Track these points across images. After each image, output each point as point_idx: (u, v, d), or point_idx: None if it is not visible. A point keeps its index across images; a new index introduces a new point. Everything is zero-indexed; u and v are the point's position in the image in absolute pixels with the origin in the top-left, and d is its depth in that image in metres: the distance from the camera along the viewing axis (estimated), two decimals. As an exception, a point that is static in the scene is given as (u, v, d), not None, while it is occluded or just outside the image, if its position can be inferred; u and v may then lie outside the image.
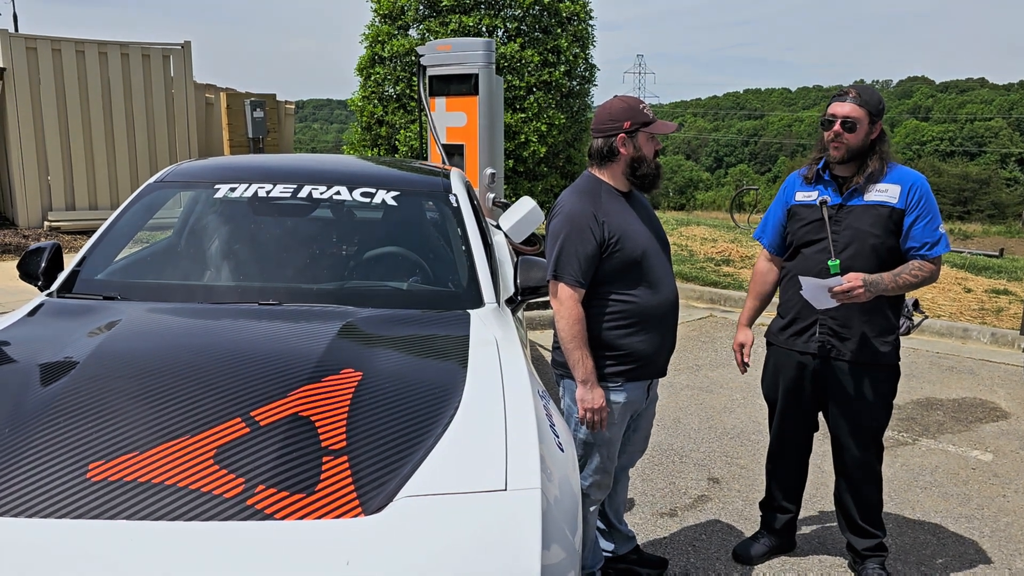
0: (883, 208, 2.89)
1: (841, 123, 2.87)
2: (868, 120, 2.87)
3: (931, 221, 2.88)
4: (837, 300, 2.84)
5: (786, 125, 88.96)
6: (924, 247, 2.88)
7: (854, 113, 2.86)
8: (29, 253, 3.16)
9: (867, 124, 2.87)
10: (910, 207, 2.87)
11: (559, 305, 2.69)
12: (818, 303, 2.90)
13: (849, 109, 2.87)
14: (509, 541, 1.72)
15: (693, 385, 5.74)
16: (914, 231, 2.88)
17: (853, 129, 2.86)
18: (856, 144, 2.88)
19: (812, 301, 2.91)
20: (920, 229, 2.88)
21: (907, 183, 2.89)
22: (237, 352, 2.35)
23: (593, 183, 2.77)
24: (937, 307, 7.86)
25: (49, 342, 2.43)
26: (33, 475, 1.79)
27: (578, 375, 2.69)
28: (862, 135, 2.88)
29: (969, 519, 3.82)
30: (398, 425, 2.05)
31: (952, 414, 5.31)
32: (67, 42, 11.30)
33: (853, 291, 2.80)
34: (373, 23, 10.16)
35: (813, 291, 2.88)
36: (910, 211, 2.87)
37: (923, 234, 2.88)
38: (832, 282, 2.81)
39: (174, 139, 12.40)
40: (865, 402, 3.03)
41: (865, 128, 2.87)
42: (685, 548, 3.47)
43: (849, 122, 2.86)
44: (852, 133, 2.87)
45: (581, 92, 10.29)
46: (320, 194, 3.36)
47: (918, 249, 2.89)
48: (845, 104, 2.88)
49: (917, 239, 2.88)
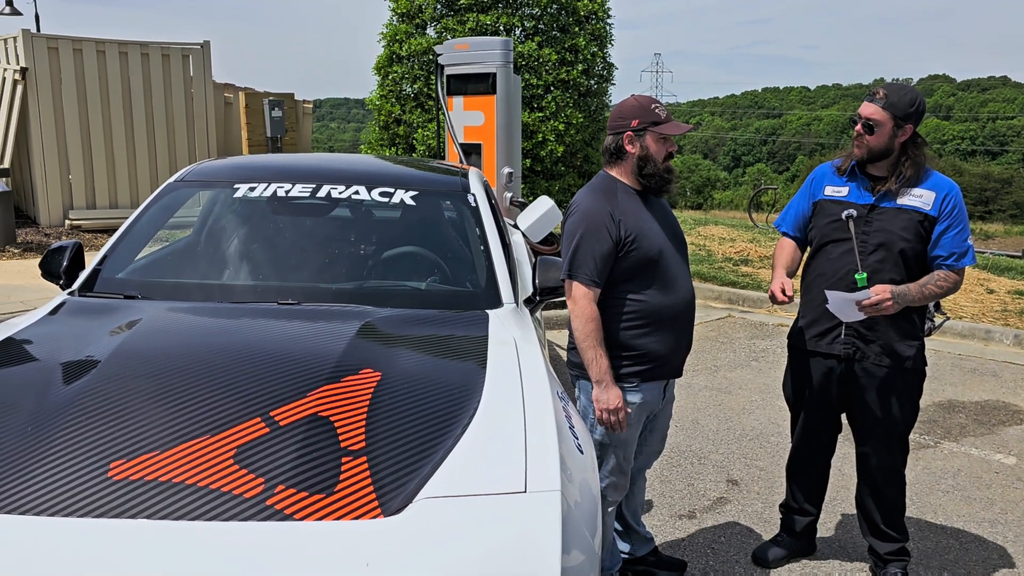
0: (916, 213, 2.86)
1: (863, 124, 2.85)
2: (892, 123, 2.82)
3: (961, 231, 2.86)
4: (865, 313, 2.81)
5: (805, 124, 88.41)
6: (952, 257, 2.85)
7: (876, 115, 2.84)
8: (51, 252, 3.18)
9: (891, 127, 2.83)
10: (943, 215, 2.84)
11: (573, 304, 2.67)
12: (845, 316, 2.87)
13: (872, 111, 2.85)
14: (529, 543, 1.71)
15: (711, 386, 5.70)
16: (943, 240, 2.85)
17: (872, 131, 2.84)
18: (877, 146, 2.85)
19: (838, 314, 2.89)
20: (950, 239, 2.84)
21: (942, 191, 2.86)
22: (256, 352, 2.35)
23: (609, 181, 2.75)
24: (959, 308, 7.78)
25: (71, 341, 2.45)
26: (56, 474, 1.80)
27: (592, 374, 2.67)
28: (884, 138, 2.84)
29: (992, 523, 3.77)
30: (417, 426, 2.04)
31: (975, 417, 5.24)
32: (88, 42, 11.40)
33: (882, 304, 2.77)
34: (391, 22, 10.18)
35: (840, 304, 2.85)
36: (942, 219, 2.84)
37: (952, 244, 2.84)
38: (860, 295, 2.79)
39: (193, 138, 12.48)
40: (890, 404, 3.00)
41: (888, 131, 2.84)
42: (704, 550, 3.45)
43: (870, 123, 2.84)
44: (872, 135, 2.85)
45: (599, 91, 10.26)
46: (339, 194, 3.36)
47: (945, 259, 2.85)
48: (870, 105, 2.86)
49: (945, 248, 2.85)
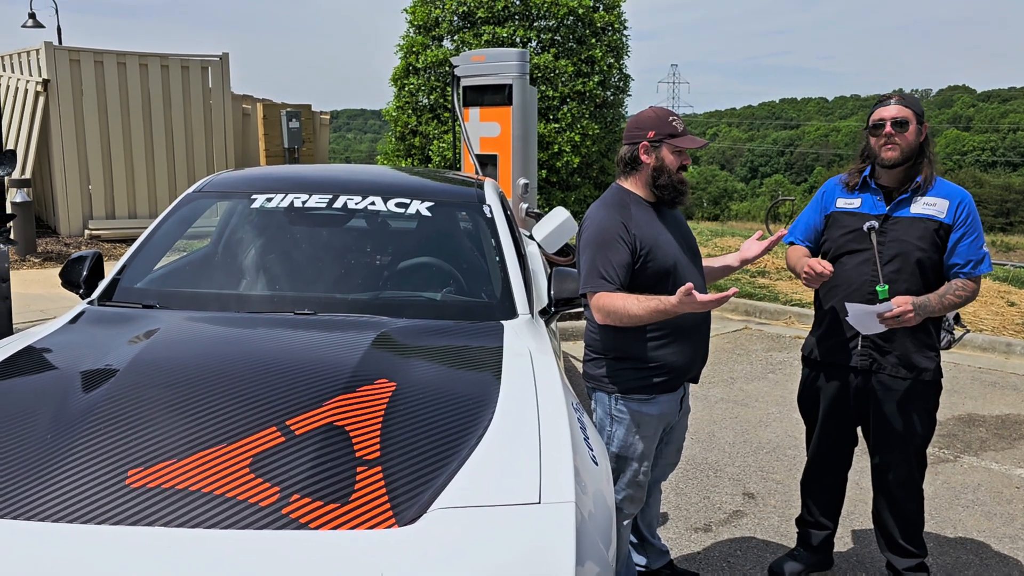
0: (931, 222, 2.85)
1: (892, 124, 2.84)
2: (916, 120, 2.86)
3: (976, 239, 2.85)
4: (886, 325, 2.79)
5: (823, 135, 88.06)
6: (968, 265, 2.84)
7: (902, 113, 2.85)
8: (71, 261, 3.21)
9: (916, 123, 2.86)
10: (957, 223, 2.84)
11: (602, 312, 2.60)
12: (865, 328, 2.85)
13: (896, 110, 2.86)
14: (543, 555, 1.70)
15: (728, 398, 5.67)
16: (959, 248, 2.84)
17: (906, 126, 2.84)
18: (911, 142, 2.85)
19: (858, 327, 2.86)
20: (966, 247, 2.84)
21: (956, 199, 2.86)
22: (272, 361, 2.37)
23: (621, 195, 2.75)
24: (979, 321, 7.70)
25: (90, 349, 2.47)
26: (74, 481, 1.81)
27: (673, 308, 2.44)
28: (913, 134, 2.86)
29: (1013, 539, 3.72)
30: (432, 436, 2.04)
31: (995, 431, 5.18)
32: (109, 54, 11.55)
33: (903, 316, 2.76)
34: (408, 34, 10.26)
35: (860, 317, 2.83)
36: (957, 227, 2.84)
37: (969, 251, 2.84)
38: (882, 308, 2.76)
39: (212, 149, 12.60)
40: (908, 417, 2.97)
41: (914, 128, 2.86)
42: (720, 564, 3.43)
43: (899, 121, 2.84)
44: (905, 131, 2.84)
45: (615, 102, 10.28)
46: (355, 204, 3.38)
47: (962, 267, 2.84)
48: (891, 107, 2.87)
49: (962, 256, 2.84)
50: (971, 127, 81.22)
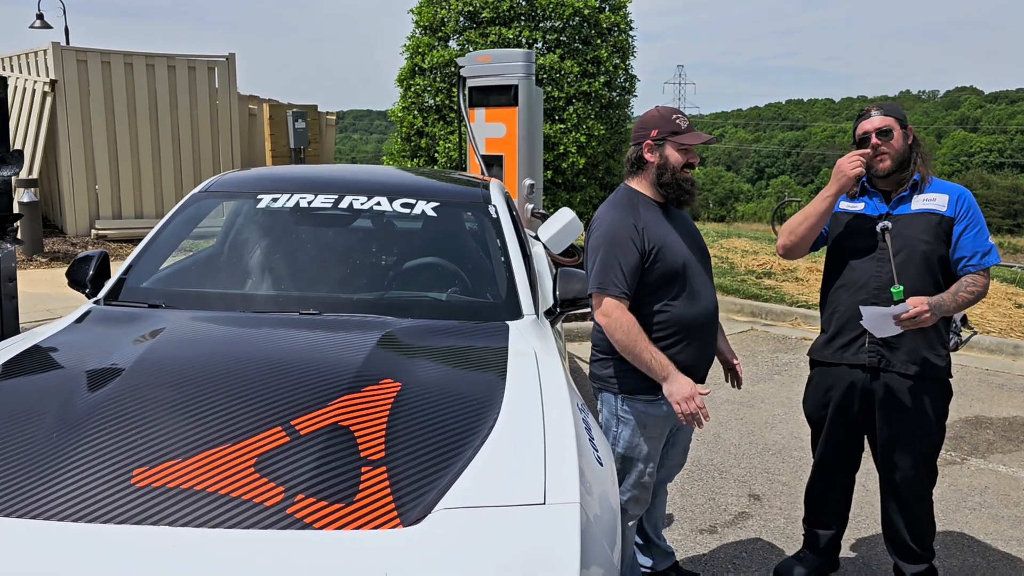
0: (933, 216, 2.87)
1: (877, 134, 2.88)
2: (899, 125, 2.89)
3: (980, 231, 2.86)
4: (902, 327, 2.77)
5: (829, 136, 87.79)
6: (975, 256, 2.84)
7: (884, 122, 2.89)
8: (78, 261, 3.22)
9: (900, 129, 2.89)
10: (959, 216, 2.86)
11: (607, 319, 2.63)
12: (880, 331, 2.83)
13: (879, 121, 2.90)
14: (547, 556, 1.70)
15: (733, 400, 5.66)
16: (963, 241, 2.85)
17: (890, 135, 2.87)
18: (900, 149, 2.89)
19: (873, 330, 2.85)
20: (971, 239, 2.85)
21: (954, 193, 2.89)
22: (277, 361, 2.37)
23: (630, 195, 2.75)
24: (987, 323, 7.67)
25: (96, 349, 2.47)
26: (80, 480, 1.82)
27: (657, 374, 2.60)
28: (900, 139, 2.89)
29: (1020, 542, 3.70)
30: (437, 436, 2.04)
31: (1002, 433, 5.16)
32: (116, 55, 11.58)
33: (920, 317, 2.74)
34: (414, 34, 10.27)
35: (875, 320, 2.81)
36: (959, 220, 2.86)
37: (975, 243, 2.84)
38: (898, 309, 2.74)
39: (218, 149, 12.63)
40: (918, 418, 2.95)
41: (900, 132, 2.89)
42: (725, 565, 3.42)
43: (883, 130, 2.87)
44: (891, 139, 2.87)
45: (621, 103, 10.27)
46: (360, 205, 3.38)
47: (969, 259, 2.84)
48: (874, 119, 2.91)
49: (968, 248, 2.84)
50: (979, 128, 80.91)
